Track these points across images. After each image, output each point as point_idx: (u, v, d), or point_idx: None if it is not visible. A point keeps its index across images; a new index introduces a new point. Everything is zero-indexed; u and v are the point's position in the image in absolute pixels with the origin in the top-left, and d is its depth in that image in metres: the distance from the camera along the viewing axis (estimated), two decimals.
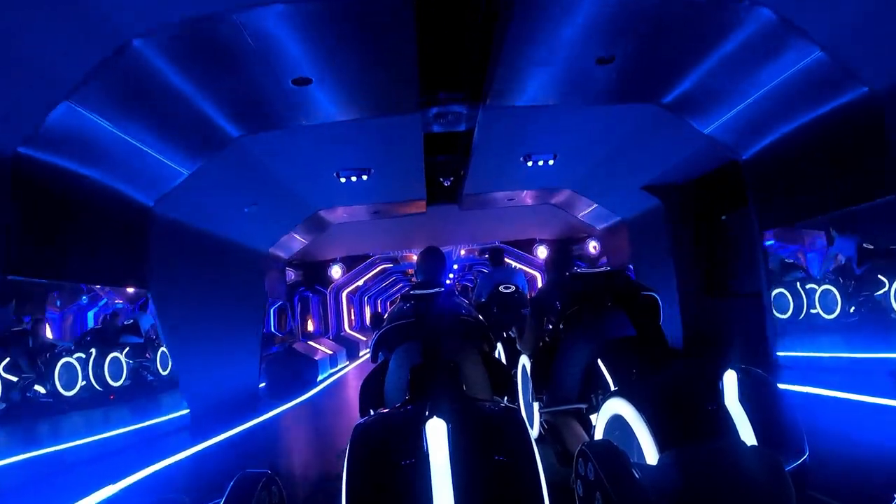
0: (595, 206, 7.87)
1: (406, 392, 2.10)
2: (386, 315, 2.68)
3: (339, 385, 9.23)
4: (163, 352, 6.40)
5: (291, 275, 11.68)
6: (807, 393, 4.02)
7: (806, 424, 1.89)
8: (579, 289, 2.91)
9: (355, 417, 1.98)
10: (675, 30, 3.39)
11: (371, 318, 3.26)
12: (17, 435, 4.33)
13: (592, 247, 11.15)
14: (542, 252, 12.35)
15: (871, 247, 5.56)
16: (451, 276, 19.34)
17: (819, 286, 5.81)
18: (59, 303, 7.38)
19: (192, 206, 4.97)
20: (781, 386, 2.12)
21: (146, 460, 3.85)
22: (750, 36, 3.33)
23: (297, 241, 8.31)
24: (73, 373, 5.24)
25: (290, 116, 4.20)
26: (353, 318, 17.25)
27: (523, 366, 3.90)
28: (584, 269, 3.06)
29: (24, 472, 3.54)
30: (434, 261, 2.88)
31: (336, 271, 12.98)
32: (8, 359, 4.75)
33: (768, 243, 5.57)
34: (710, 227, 6.84)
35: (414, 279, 3.00)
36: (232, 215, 5.93)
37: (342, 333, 14.43)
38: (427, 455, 1.52)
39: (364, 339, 14.70)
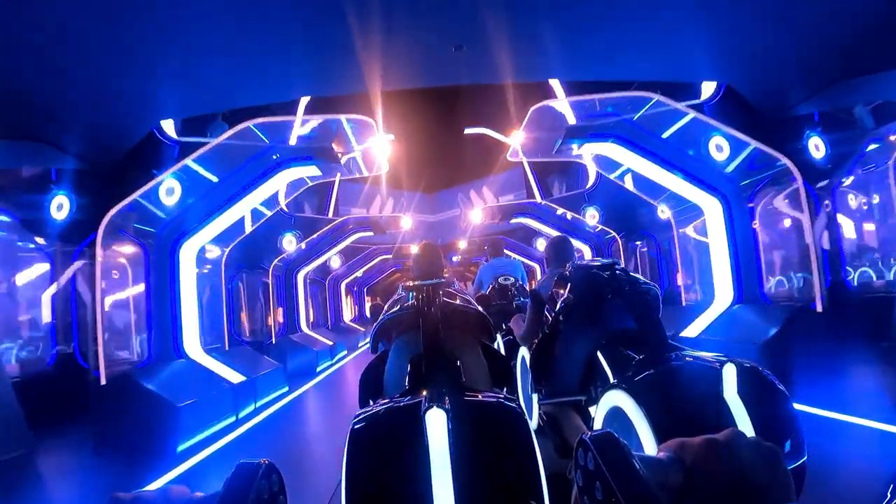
0: None
1: (406, 383, 2.10)
2: (386, 305, 2.68)
3: None
4: None
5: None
6: None
7: None
8: (579, 280, 2.90)
9: None
10: None
11: (370, 308, 3.31)
12: None
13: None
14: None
15: None
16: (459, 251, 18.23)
17: None
18: None
19: None
20: None
21: None
22: None
23: None
24: None
25: None
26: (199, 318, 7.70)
27: (522, 357, 3.91)
28: (583, 261, 3.05)
29: None
30: (431, 256, 2.95)
31: (169, 193, 5.68)
32: None
33: None
34: None
35: (412, 274, 3.07)
36: None
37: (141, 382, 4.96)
38: (427, 445, 1.52)
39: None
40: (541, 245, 11.95)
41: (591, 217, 9.86)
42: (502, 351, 4.43)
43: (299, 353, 9.66)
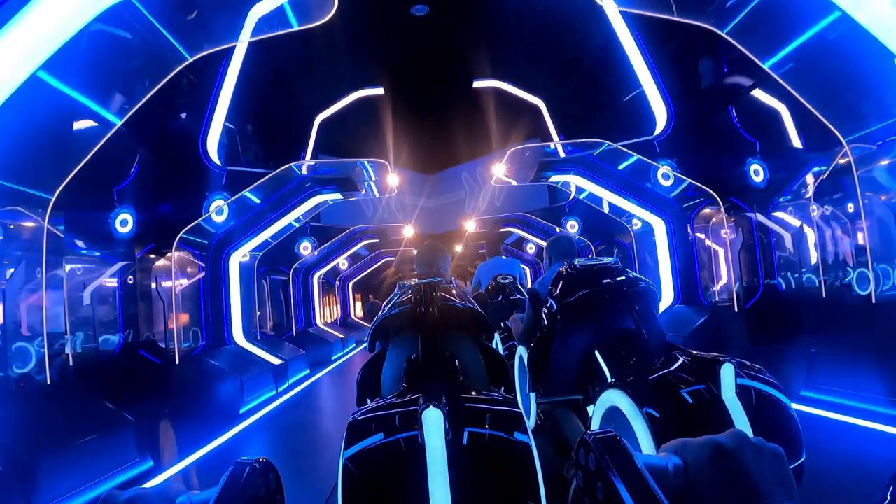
0: None
1: (403, 382, 2.10)
2: (385, 304, 2.67)
3: None
4: None
5: None
6: None
7: None
8: (578, 280, 2.90)
9: None
10: None
11: (367, 307, 3.30)
12: None
13: None
14: None
15: None
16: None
17: None
18: None
19: None
20: None
21: None
22: None
23: None
24: None
25: None
26: None
27: (520, 356, 3.91)
28: (582, 261, 3.05)
29: None
30: (435, 254, 2.93)
31: None
32: None
33: None
34: None
35: (414, 272, 3.09)
36: None
37: None
38: (423, 445, 1.51)
39: None
40: (571, 229, 9.80)
41: (664, 178, 7.59)
42: (500, 350, 4.43)
43: (215, 385, 6.00)
